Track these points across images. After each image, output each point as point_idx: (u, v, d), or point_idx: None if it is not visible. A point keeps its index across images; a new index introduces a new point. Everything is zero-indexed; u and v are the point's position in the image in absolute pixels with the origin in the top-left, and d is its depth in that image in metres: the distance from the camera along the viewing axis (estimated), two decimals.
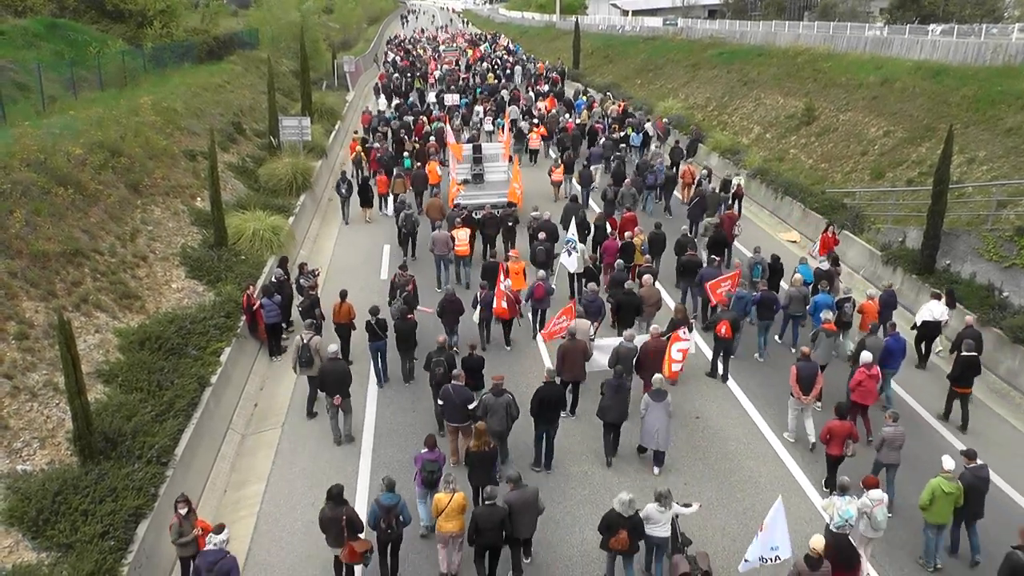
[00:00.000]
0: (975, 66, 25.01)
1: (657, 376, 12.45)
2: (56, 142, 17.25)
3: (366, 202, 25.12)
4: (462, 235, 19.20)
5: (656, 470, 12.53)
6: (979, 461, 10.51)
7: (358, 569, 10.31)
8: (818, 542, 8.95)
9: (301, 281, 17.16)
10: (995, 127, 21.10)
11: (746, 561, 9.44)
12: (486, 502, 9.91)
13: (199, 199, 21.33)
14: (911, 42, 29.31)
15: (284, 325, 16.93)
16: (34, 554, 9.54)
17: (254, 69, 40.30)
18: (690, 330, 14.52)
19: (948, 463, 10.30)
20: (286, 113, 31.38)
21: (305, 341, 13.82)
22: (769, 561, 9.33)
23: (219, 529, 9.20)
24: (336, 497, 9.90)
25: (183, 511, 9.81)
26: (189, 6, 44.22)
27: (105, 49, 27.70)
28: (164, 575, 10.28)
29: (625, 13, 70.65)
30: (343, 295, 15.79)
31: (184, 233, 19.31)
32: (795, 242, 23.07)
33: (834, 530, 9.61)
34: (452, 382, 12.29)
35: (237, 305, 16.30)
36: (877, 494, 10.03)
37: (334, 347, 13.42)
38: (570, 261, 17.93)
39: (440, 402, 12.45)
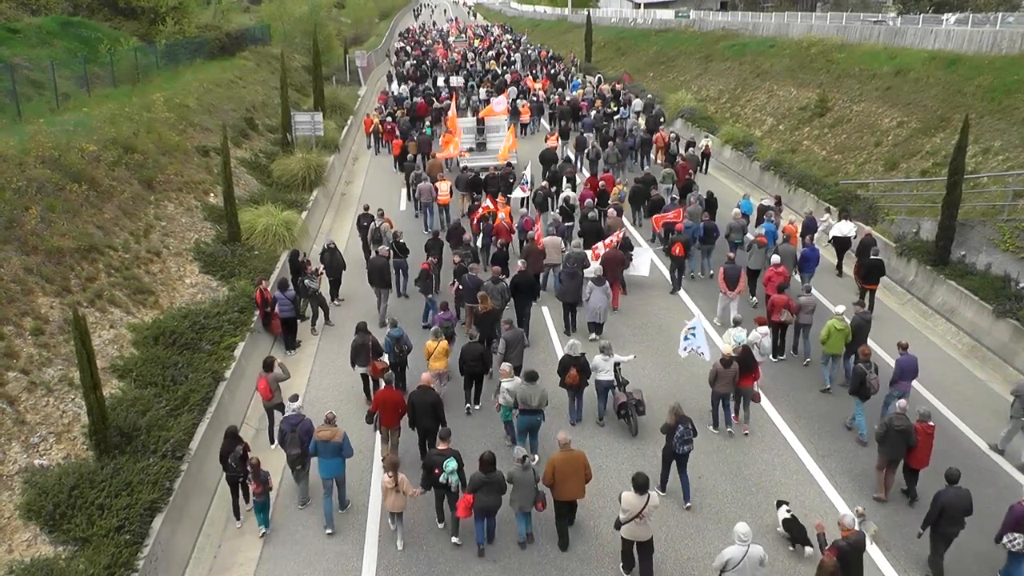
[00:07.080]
0: (990, 55, 24.69)
1: (594, 266, 16.80)
2: (70, 139, 17.38)
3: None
4: (443, 187, 23.19)
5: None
6: (866, 309, 14.76)
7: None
8: (728, 349, 13.11)
9: (306, 282, 17.14)
10: (1011, 116, 20.85)
11: (680, 349, 13.88)
12: (469, 340, 13.71)
13: (212, 195, 21.44)
14: (925, 32, 28.98)
15: (298, 319, 16.96)
16: (51, 548, 9.66)
17: (266, 65, 40.45)
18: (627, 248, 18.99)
19: (840, 307, 14.34)
20: (299, 108, 31.47)
21: (376, 225, 19.58)
22: (695, 351, 13.64)
23: (294, 398, 11.65)
24: (363, 329, 13.63)
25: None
26: (201, 2, 44.33)
27: (118, 46, 27.80)
28: (180, 568, 10.38)
29: (637, 6, 70.17)
30: (380, 213, 20.35)
31: (197, 228, 19.42)
32: None
33: (731, 350, 13.10)
34: (468, 273, 16.19)
35: (251, 300, 16.37)
36: (764, 329, 14.15)
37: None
38: (517, 192, 23.13)
39: (460, 286, 16.25)
